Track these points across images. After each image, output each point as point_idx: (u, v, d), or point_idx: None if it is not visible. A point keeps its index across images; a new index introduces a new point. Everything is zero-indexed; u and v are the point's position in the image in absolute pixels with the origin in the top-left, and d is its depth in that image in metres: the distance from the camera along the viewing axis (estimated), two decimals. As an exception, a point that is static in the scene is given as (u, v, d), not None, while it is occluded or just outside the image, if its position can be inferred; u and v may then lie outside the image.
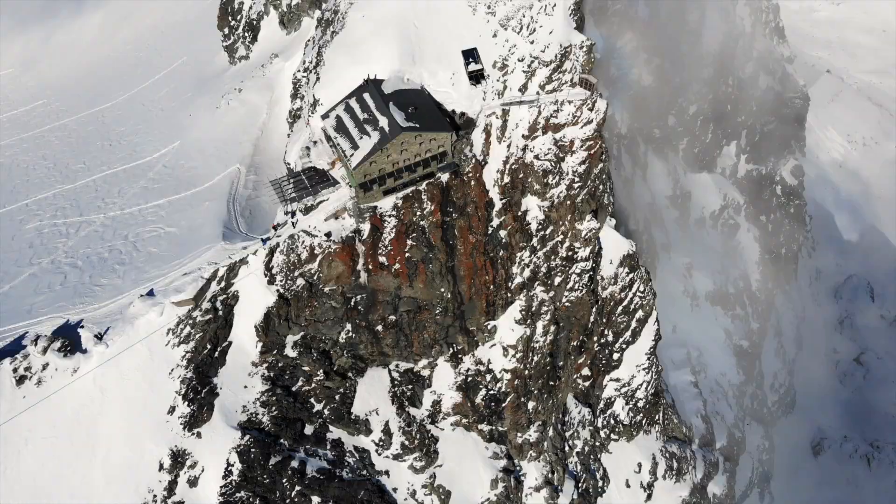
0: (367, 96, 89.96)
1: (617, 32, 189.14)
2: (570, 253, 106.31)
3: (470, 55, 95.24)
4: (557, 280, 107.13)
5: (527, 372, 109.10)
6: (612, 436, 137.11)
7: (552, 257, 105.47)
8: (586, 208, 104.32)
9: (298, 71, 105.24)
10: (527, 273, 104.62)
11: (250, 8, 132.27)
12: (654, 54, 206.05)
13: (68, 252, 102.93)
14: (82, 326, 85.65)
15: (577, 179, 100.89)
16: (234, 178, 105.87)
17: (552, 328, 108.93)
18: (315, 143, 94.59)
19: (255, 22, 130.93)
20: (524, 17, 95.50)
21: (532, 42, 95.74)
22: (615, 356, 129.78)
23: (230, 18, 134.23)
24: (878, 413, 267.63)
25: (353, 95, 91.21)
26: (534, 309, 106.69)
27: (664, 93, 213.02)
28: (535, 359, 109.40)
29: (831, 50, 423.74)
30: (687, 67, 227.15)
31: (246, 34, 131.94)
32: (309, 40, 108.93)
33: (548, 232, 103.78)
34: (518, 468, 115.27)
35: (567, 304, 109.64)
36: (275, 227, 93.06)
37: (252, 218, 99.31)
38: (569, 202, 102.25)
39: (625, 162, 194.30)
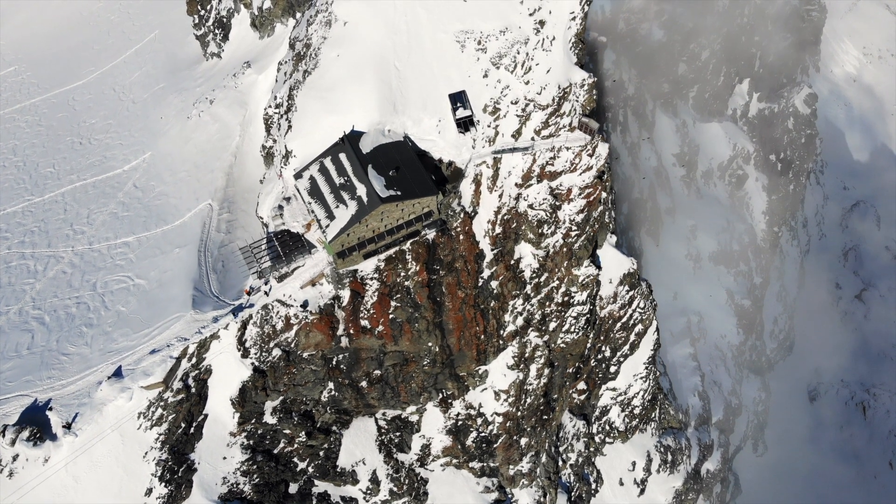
0: (343, 157, 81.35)
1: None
2: (566, 298, 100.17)
3: (458, 99, 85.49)
4: (552, 325, 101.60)
5: (519, 414, 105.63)
6: (607, 440, 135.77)
7: (547, 303, 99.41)
8: (584, 254, 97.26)
9: (269, 106, 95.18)
10: (520, 321, 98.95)
11: (219, 2, 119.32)
12: (666, 1, 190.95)
13: (35, 299, 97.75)
14: (51, 408, 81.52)
15: (574, 228, 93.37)
16: (206, 219, 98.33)
17: (546, 371, 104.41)
18: (288, 199, 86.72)
19: (224, 19, 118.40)
20: (518, 53, 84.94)
21: (527, 83, 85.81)
22: (612, 369, 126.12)
23: (199, 7, 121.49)
24: (877, 355, 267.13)
25: (328, 154, 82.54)
26: (527, 354, 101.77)
27: (675, 41, 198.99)
28: (529, 400, 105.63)
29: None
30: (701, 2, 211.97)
31: (216, 30, 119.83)
32: (281, 62, 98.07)
33: (542, 279, 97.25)
34: (510, 496, 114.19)
35: (563, 345, 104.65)
36: (248, 293, 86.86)
37: (225, 272, 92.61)
38: (565, 250, 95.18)
39: (631, 126, 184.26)
